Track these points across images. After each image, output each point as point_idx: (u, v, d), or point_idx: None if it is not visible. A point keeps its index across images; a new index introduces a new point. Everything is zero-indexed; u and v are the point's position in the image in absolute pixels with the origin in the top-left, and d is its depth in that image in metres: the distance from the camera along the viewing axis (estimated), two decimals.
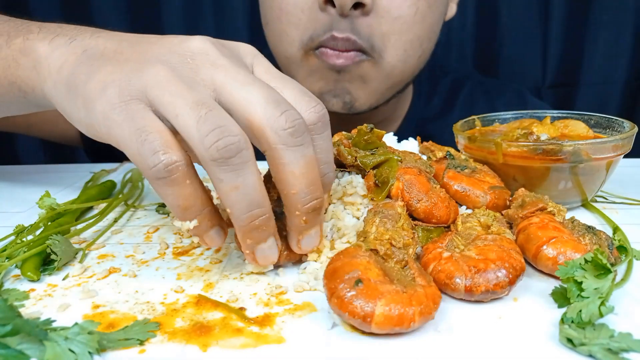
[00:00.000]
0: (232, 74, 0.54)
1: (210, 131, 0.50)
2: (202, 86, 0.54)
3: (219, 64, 0.55)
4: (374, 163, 0.69)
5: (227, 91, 0.53)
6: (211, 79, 0.54)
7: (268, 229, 0.55)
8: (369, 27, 1.03)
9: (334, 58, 1.05)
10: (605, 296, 0.49)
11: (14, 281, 0.61)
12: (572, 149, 0.72)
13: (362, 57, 1.06)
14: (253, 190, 0.52)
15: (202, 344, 0.48)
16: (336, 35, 1.02)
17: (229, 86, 0.54)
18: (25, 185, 1.02)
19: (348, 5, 0.98)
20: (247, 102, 0.53)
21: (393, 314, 0.47)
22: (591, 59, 1.80)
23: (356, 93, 1.11)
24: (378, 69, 1.08)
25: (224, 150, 0.50)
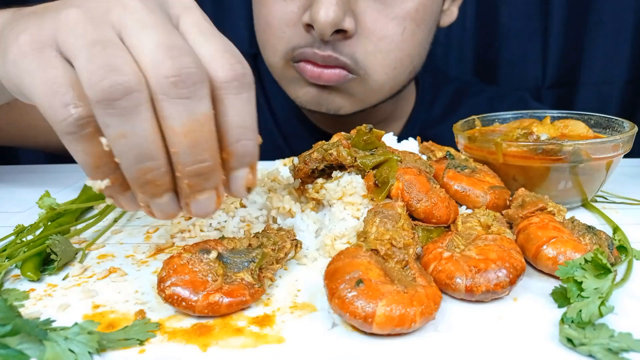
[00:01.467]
0: (138, 16, 0.49)
1: (98, 68, 0.45)
2: (109, 26, 0.49)
3: (131, 5, 0.50)
4: (374, 163, 0.69)
5: (127, 33, 0.49)
6: (119, 20, 0.49)
7: (163, 184, 0.50)
8: (352, 47, 1.01)
9: (314, 78, 1.03)
10: (605, 296, 0.49)
11: (14, 281, 0.61)
12: (572, 149, 0.72)
13: (348, 76, 1.03)
14: (144, 139, 0.47)
15: (202, 344, 0.48)
16: (317, 52, 1.01)
17: (130, 28, 0.49)
18: (25, 185, 1.02)
19: (327, 33, 0.96)
20: (140, 45, 0.47)
21: (394, 315, 0.47)
22: (591, 59, 1.80)
23: (341, 102, 1.10)
24: (365, 86, 1.07)
25: (110, 91, 0.45)
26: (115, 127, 0.46)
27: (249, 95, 0.52)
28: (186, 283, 0.52)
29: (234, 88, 0.51)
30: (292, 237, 0.62)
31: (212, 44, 0.51)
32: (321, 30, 0.95)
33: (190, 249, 0.57)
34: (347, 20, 0.96)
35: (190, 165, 0.49)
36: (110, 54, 0.46)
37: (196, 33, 0.52)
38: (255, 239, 0.60)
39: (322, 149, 0.72)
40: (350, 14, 0.97)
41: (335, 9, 0.93)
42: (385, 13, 1.00)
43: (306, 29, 1.00)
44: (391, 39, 1.02)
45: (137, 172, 0.49)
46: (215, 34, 0.53)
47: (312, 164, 0.72)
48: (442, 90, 1.41)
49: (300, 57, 1.04)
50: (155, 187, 0.50)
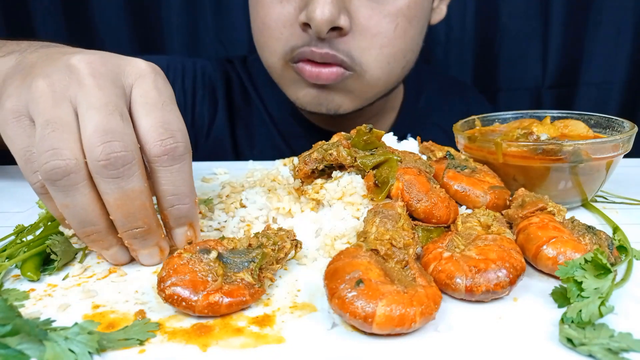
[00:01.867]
0: (88, 95, 0.56)
1: (44, 152, 0.54)
2: (68, 102, 0.57)
3: (85, 82, 0.57)
4: (374, 163, 0.69)
5: (79, 111, 0.57)
6: (74, 96, 0.57)
7: (107, 242, 0.60)
8: (347, 44, 1.04)
9: (312, 77, 1.06)
10: (605, 296, 0.49)
11: (14, 281, 0.61)
12: (572, 149, 0.72)
13: (345, 73, 1.06)
14: (82, 209, 0.57)
15: (202, 344, 0.48)
16: (315, 50, 1.03)
17: (81, 106, 0.56)
18: (25, 185, 1.02)
19: (324, 31, 0.98)
20: (84, 125, 0.55)
21: (394, 315, 0.47)
22: (591, 59, 1.80)
23: (340, 100, 1.13)
24: (362, 81, 1.09)
25: (51, 173, 0.54)
26: (59, 200, 0.56)
27: (179, 166, 0.59)
28: (186, 283, 0.52)
29: (165, 162, 0.58)
30: (292, 237, 0.62)
31: (151, 118, 0.58)
32: (318, 28, 0.98)
33: (190, 249, 0.57)
34: (342, 17, 0.99)
35: (126, 230, 0.59)
36: (57, 138, 0.54)
37: (141, 104, 0.59)
38: (255, 239, 0.60)
39: (322, 149, 0.72)
40: (344, 12, 1.00)
41: (330, 8, 0.96)
42: (378, 10, 1.03)
43: (303, 28, 1.02)
44: (384, 35, 1.05)
45: (82, 234, 0.59)
46: (158, 105, 0.59)
47: (312, 164, 0.72)
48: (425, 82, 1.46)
49: (299, 57, 1.06)
50: (99, 243, 0.60)
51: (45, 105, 0.56)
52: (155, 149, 0.57)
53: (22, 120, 0.58)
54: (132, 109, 0.59)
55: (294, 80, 1.12)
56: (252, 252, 0.58)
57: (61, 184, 0.55)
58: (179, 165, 0.59)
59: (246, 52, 1.69)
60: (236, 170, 1.07)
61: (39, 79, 0.58)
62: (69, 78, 0.58)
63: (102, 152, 0.54)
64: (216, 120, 1.34)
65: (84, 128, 0.55)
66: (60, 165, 0.54)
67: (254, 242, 0.60)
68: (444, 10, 1.27)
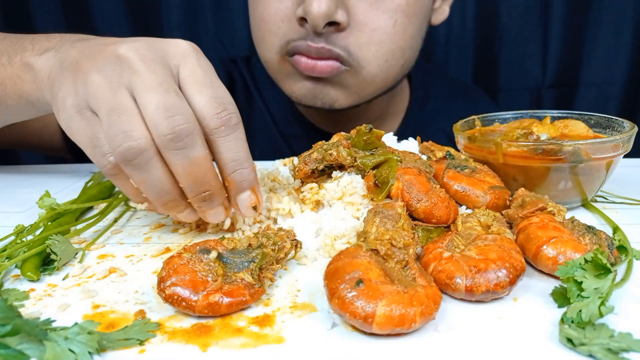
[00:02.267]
0: (142, 79, 0.61)
1: (115, 136, 0.59)
2: (124, 89, 0.61)
3: (136, 68, 0.61)
4: (374, 163, 0.69)
5: (137, 94, 0.61)
6: (129, 82, 0.61)
7: (180, 206, 0.66)
8: (345, 39, 1.03)
9: (308, 69, 1.05)
10: (605, 296, 0.49)
11: (14, 281, 0.61)
12: (572, 149, 0.72)
13: (341, 68, 1.05)
14: (158, 182, 0.62)
15: (202, 344, 0.48)
16: (311, 44, 1.03)
17: (138, 90, 0.61)
18: (25, 185, 1.02)
19: (320, 25, 0.98)
20: (144, 106, 0.60)
21: (394, 315, 0.47)
22: (591, 59, 1.80)
23: (336, 95, 1.12)
24: (358, 77, 1.08)
25: (126, 154, 0.59)
26: (136, 176, 0.62)
27: (236, 135, 0.64)
28: (186, 283, 0.52)
29: (222, 132, 0.63)
30: (292, 237, 0.62)
31: (204, 94, 0.63)
32: (314, 22, 0.97)
33: (190, 249, 0.57)
34: (339, 12, 0.98)
35: (195, 195, 0.64)
36: (124, 121, 0.59)
37: (191, 83, 0.63)
38: (255, 239, 0.60)
39: (322, 149, 0.73)
40: (342, 7, 0.99)
41: (327, 2, 0.95)
42: (377, 6, 1.02)
43: (300, 22, 1.02)
44: (383, 30, 1.04)
45: (159, 202, 0.65)
46: (207, 82, 0.64)
47: (312, 164, 0.72)
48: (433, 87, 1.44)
49: (295, 50, 1.06)
50: (176, 208, 0.66)
51: (105, 95, 0.61)
52: (212, 122, 0.62)
53: (85, 113, 0.63)
54: (183, 88, 0.63)
55: (290, 74, 1.11)
56: (252, 252, 0.58)
57: (137, 162, 0.60)
58: (235, 134, 0.64)
59: (246, 51, 1.69)
60: None
61: (93, 73, 0.62)
62: (120, 67, 0.62)
63: (167, 127, 0.59)
64: None
65: (145, 108, 0.60)
66: (134, 146, 0.59)
67: (254, 242, 0.60)
68: (446, 10, 1.25)
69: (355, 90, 1.12)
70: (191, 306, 0.51)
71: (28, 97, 0.78)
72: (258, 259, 0.57)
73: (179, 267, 0.54)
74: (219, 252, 0.57)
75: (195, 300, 0.51)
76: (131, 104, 0.61)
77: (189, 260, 0.55)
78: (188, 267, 0.54)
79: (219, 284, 0.53)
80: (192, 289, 0.52)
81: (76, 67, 0.65)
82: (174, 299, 0.51)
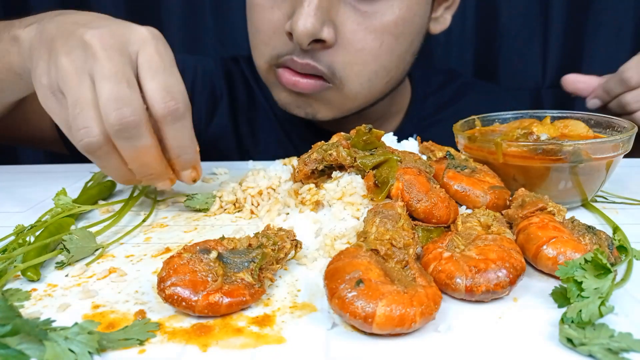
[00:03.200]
0: (100, 66, 0.66)
1: (78, 130, 0.67)
2: (87, 76, 0.67)
3: (97, 56, 0.67)
4: (374, 163, 0.69)
5: (96, 82, 0.66)
6: (91, 68, 0.67)
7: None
8: (331, 57, 1.03)
9: (290, 84, 1.05)
10: (605, 296, 0.49)
11: (15, 281, 0.61)
12: (572, 149, 0.72)
13: (324, 85, 1.05)
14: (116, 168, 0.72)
15: (202, 344, 0.48)
16: (296, 59, 1.03)
17: (96, 78, 0.66)
18: (25, 185, 1.02)
19: (304, 43, 0.97)
20: (99, 94, 0.66)
21: (394, 315, 0.47)
22: (591, 59, 1.80)
23: (318, 107, 1.12)
24: (340, 94, 1.08)
25: (87, 148, 0.68)
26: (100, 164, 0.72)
27: (182, 123, 0.70)
28: (186, 283, 0.52)
29: (169, 121, 0.69)
30: (292, 238, 0.62)
31: (155, 82, 0.68)
32: (299, 40, 0.97)
33: (190, 249, 0.57)
34: (325, 30, 0.98)
35: (142, 176, 0.74)
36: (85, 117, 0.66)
37: (145, 69, 0.68)
38: (255, 239, 0.60)
39: (321, 150, 0.73)
40: (329, 24, 0.99)
41: (312, 21, 0.95)
42: (364, 25, 1.01)
43: (288, 37, 1.02)
44: (368, 51, 1.03)
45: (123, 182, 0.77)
46: (161, 69, 0.69)
47: (311, 164, 0.72)
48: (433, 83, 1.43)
49: (282, 63, 1.06)
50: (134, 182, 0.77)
51: (72, 82, 0.67)
52: (160, 111, 0.68)
53: (57, 95, 0.69)
54: (139, 73, 0.68)
55: (275, 83, 1.13)
56: (252, 252, 0.58)
57: (97, 154, 0.69)
58: (180, 123, 0.70)
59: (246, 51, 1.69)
60: (236, 170, 1.07)
61: (62, 56, 0.68)
62: (85, 53, 0.67)
63: (115, 118, 0.65)
64: (215, 119, 1.34)
65: (99, 97, 0.66)
66: (93, 142, 0.67)
67: (254, 242, 0.60)
68: (448, 19, 1.23)
69: (337, 106, 1.12)
70: (191, 306, 0.51)
71: (15, 69, 0.83)
72: (258, 259, 0.57)
73: (179, 267, 0.54)
74: (219, 252, 0.57)
75: (195, 300, 0.51)
76: (91, 95, 0.66)
77: (189, 260, 0.55)
78: (188, 267, 0.54)
79: (219, 284, 0.53)
80: (192, 289, 0.52)
81: (50, 45, 0.70)
82: (174, 299, 0.51)
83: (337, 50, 1.02)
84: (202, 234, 0.75)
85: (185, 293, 0.51)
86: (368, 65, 1.05)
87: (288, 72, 1.05)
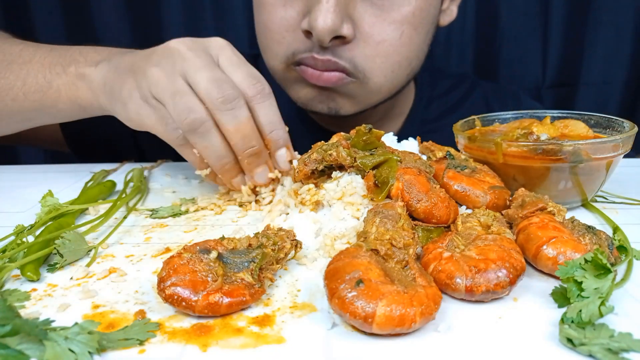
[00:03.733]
0: (192, 62, 0.77)
1: (181, 111, 0.75)
2: (178, 75, 0.76)
3: (186, 56, 0.77)
4: (374, 163, 0.69)
5: (190, 76, 0.76)
6: (181, 68, 0.77)
7: (234, 170, 0.82)
8: (351, 51, 1.02)
9: (314, 79, 1.05)
10: (605, 296, 0.49)
11: (14, 281, 0.61)
12: (572, 149, 0.72)
13: (347, 79, 1.05)
14: (218, 146, 0.77)
15: (202, 344, 0.48)
16: (316, 56, 1.02)
17: (190, 73, 0.76)
18: (25, 185, 1.02)
19: (326, 40, 0.97)
20: (197, 82, 0.75)
21: (394, 315, 0.47)
22: (591, 59, 1.80)
23: (342, 102, 1.11)
24: (364, 88, 1.08)
25: (192, 124, 0.75)
26: (201, 144, 0.77)
27: (270, 102, 0.80)
28: (186, 283, 0.52)
29: (259, 99, 0.78)
30: (292, 238, 0.62)
31: (241, 72, 0.79)
32: (319, 37, 0.96)
33: (190, 249, 0.57)
34: (344, 26, 0.97)
35: (245, 150, 0.78)
36: (186, 100, 0.75)
37: (229, 65, 0.79)
38: (255, 239, 0.60)
39: (321, 150, 0.72)
40: (348, 20, 0.98)
41: (332, 17, 0.94)
42: (382, 17, 1.01)
43: (305, 35, 1.01)
44: (389, 42, 1.03)
45: (219, 166, 0.80)
46: (242, 63, 0.80)
47: (311, 164, 0.72)
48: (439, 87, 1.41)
49: (300, 61, 1.05)
50: (230, 172, 0.82)
51: (165, 84, 0.76)
52: (250, 91, 0.77)
53: (150, 101, 0.78)
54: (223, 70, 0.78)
55: (295, 80, 1.11)
56: (252, 252, 0.58)
57: (200, 130, 0.75)
58: (269, 101, 0.79)
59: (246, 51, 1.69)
60: None
61: (151, 68, 0.78)
62: (172, 58, 0.77)
63: (218, 93, 0.74)
64: None
65: (198, 84, 0.75)
66: (197, 117, 0.74)
67: (254, 242, 0.60)
68: (454, 11, 1.23)
69: (361, 100, 1.12)
70: (191, 306, 0.51)
71: (81, 103, 0.91)
72: (258, 259, 0.57)
73: (179, 267, 0.54)
74: (219, 252, 0.57)
75: (195, 300, 0.51)
76: (187, 87, 0.75)
77: (189, 260, 0.55)
78: (188, 267, 0.54)
79: (219, 284, 0.53)
80: (192, 289, 0.52)
81: (132, 69, 0.80)
82: (174, 299, 0.51)
83: (358, 44, 1.02)
84: (202, 234, 0.75)
85: (185, 293, 0.51)
86: (390, 57, 1.05)
87: (311, 68, 1.04)
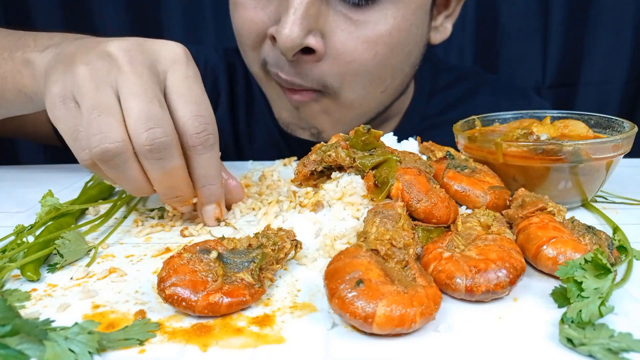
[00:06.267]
0: (129, 82, 0.64)
1: (93, 135, 0.62)
2: (109, 87, 0.64)
3: (124, 69, 0.64)
4: (373, 164, 0.69)
5: (122, 96, 0.64)
6: (115, 81, 0.64)
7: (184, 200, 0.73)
8: (320, 69, 0.97)
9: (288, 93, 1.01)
10: (605, 296, 0.49)
11: (15, 281, 0.61)
12: (572, 149, 0.72)
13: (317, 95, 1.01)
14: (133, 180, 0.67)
15: (202, 344, 0.48)
16: (281, 75, 0.99)
17: (123, 93, 0.63)
18: (25, 185, 1.02)
19: (289, 54, 0.92)
20: (128, 112, 0.63)
21: (394, 315, 0.47)
22: (591, 59, 1.80)
23: (321, 125, 1.08)
24: (338, 103, 1.04)
25: (102, 155, 0.62)
26: (112, 174, 0.66)
27: (210, 154, 0.69)
28: (186, 283, 0.52)
29: (199, 150, 0.67)
30: (292, 238, 0.62)
31: (188, 109, 0.66)
32: (283, 49, 0.92)
33: (190, 249, 0.57)
34: (311, 38, 0.92)
35: (169, 199, 0.71)
36: (103, 122, 0.62)
37: (177, 94, 0.67)
38: (255, 239, 0.60)
39: (320, 151, 0.72)
40: (317, 33, 0.93)
41: (297, 30, 0.89)
42: (355, 35, 0.94)
43: (272, 41, 0.97)
44: (360, 62, 0.97)
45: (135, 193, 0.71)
46: (192, 97, 0.67)
47: (310, 165, 0.72)
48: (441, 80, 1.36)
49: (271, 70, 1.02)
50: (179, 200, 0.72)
51: (89, 89, 0.63)
52: (192, 140, 0.66)
53: (68, 103, 0.65)
54: (168, 96, 0.67)
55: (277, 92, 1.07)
56: (252, 252, 0.58)
57: (112, 163, 0.63)
58: (210, 153, 0.69)
59: None
60: (236, 170, 1.07)
61: (81, 65, 0.65)
62: (108, 65, 0.65)
63: (147, 138, 0.62)
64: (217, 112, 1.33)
65: (128, 114, 0.62)
66: (110, 148, 0.62)
67: (254, 242, 0.60)
68: (448, 29, 1.18)
69: (339, 117, 1.08)
70: (191, 306, 0.51)
71: (27, 92, 0.80)
72: (258, 259, 0.57)
73: (179, 267, 0.54)
74: (219, 252, 0.57)
75: (195, 300, 0.51)
76: (113, 102, 0.63)
77: (189, 260, 0.55)
78: (188, 267, 0.54)
79: (219, 284, 0.53)
80: (192, 289, 0.52)
81: (68, 60, 0.67)
82: (174, 299, 0.51)
83: (327, 61, 0.96)
84: (203, 235, 0.75)
85: (185, 293, 0.51)
86: (360, 75, 0.99)
87: None
